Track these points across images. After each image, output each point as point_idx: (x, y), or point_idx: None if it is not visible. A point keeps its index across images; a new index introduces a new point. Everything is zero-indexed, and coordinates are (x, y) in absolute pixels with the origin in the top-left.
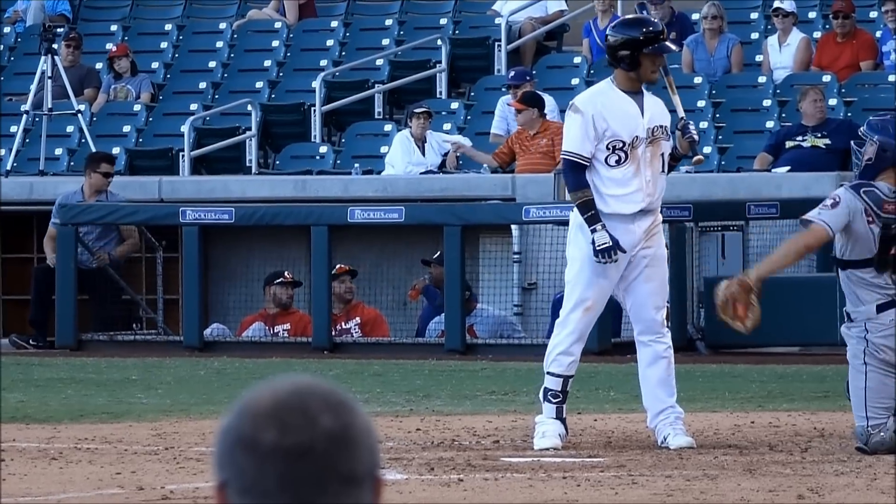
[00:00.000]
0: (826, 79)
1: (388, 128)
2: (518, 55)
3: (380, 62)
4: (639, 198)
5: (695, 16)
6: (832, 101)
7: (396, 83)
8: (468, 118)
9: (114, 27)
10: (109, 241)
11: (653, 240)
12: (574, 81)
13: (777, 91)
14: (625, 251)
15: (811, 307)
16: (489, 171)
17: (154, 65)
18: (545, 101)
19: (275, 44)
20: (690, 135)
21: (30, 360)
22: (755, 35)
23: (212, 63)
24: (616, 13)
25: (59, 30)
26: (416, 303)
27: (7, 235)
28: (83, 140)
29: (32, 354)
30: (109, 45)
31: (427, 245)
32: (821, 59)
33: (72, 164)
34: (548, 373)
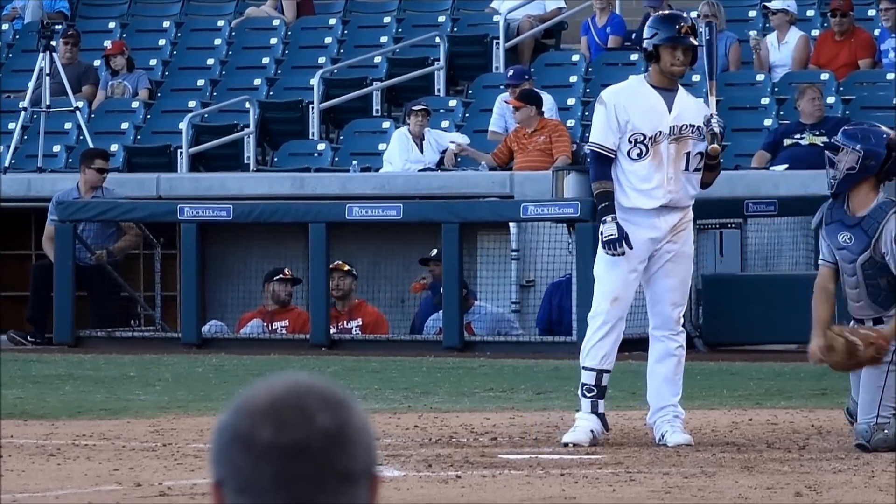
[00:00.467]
0: (824, 77)
1: (387, 125)
2: (516, 53)
3: (378, 60)
4: (659, 193)
5: (693, 13)
6: (830, 100)
7: (394, 80)
8: (466, 116)
9: (112, 24)
10: (108, 238)
11: (679, 236)
12: (572, 79)
13: (775, 89)
14: (632, 246)
15: (809, 305)
16: (487, 169)
17: (152, 62)
18: (543, 99)
19: (273, 41)
20: (711, 127)
21: (28, 357)
22: (753, 33)
23: (210, 60)
24: (614, 11)
25: (58, 27)
26: (414, 300)
27: (5, 232)
28: (81, 137)
29: (30, 351)
30: (107, 43)
31: (425, 242)
32: (819, 58)
33: (70, 161)
34: (582, 367)
